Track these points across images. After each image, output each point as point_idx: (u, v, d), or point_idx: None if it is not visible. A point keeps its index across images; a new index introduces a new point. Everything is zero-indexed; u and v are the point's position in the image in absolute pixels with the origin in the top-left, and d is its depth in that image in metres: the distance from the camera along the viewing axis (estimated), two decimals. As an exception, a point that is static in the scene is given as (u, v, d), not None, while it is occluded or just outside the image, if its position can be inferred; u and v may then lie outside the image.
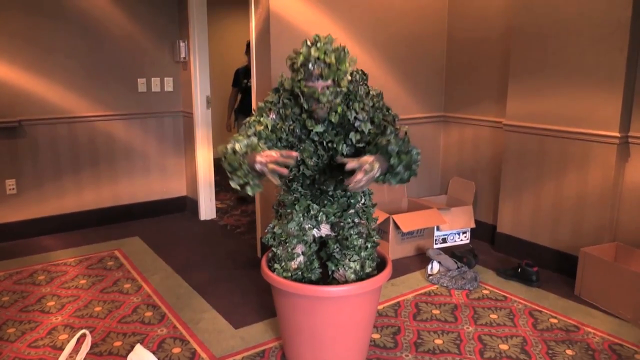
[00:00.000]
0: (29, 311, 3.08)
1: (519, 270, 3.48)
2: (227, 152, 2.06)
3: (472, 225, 4.21)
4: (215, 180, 5.07)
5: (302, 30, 3.56)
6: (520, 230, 3.89)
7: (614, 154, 3.27)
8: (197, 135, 4.78)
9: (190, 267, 3.76)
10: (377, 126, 2.28)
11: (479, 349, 2.70)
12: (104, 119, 4.59)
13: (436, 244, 4.14)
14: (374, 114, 2.29)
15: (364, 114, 2.27)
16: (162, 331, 2.86)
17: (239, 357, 2.62)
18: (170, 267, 3.76)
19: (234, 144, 2.06)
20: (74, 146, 4.48)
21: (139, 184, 4.88)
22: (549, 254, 3.69)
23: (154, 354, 2.63)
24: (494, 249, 4.10)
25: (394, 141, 2.07)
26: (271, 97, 2.35)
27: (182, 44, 4.73)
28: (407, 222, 3.85)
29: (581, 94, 3.40)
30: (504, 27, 3.97)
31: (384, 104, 2.35)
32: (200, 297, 3.27)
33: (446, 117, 4.58)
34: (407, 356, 2.63)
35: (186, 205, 5.18)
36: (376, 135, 2.22)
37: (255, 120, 2.28)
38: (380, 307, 3.12)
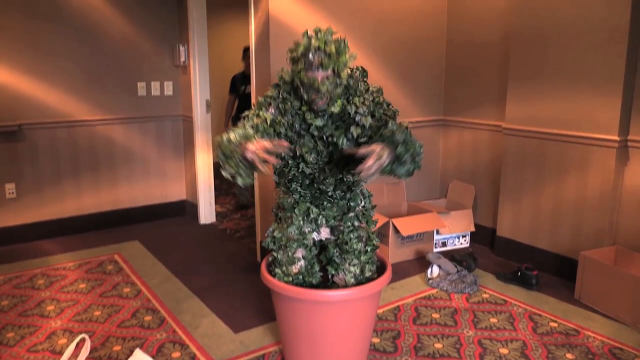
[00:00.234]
0: (28, 315, 3.08)
1: (519, 274, 3.48)
2: (222, 141, 2.08)
3: (472, 229, 4.21)
4: (214, 184, 5.07)
5: (301, 34, 3.55)
6: (520, 233, 3.89)
7: (613, 158, 3.27)
8: (197, 139, 4.79)
9: (189, 271, 3.75)
10: (377, 120, 2.28)
11: (479, 353, 2.69)
12: (103, 122, 4.60)
13: (436, 248, 4.13)
14: (374, 108, 2.30)
15: (364, 108, 2.27)
16: (161, 335, 2.86)
17: (238, 362, 2.62)
18: (169, 271, 3.75)
19: (230, 133, 2.08)
20: (73, 150, 4.48)
21: (138, 188, 4.88)
22: (548, 258, 3.69)
23: (154, 358, 2.63)
24: (494, 253, 4.10)
25: (398, 131, 2.07)
26: (271, 91, 2.35)
27: (181, 48, 4.74)
28: (406, 225, 3.85)
29: (580, 98, 3.40)
30: (503, 31, 3.98)
31: (384, 100, 2.36)
32: (199, 301, 3.27)
33: (445, 120, 4.58)
34: (407, 360, 2.63)
35: (186, 209, 5.18)
36: (378, 128, 2.23)
37: (254, 114, 2.29)
38: (380, 311, 3.12)
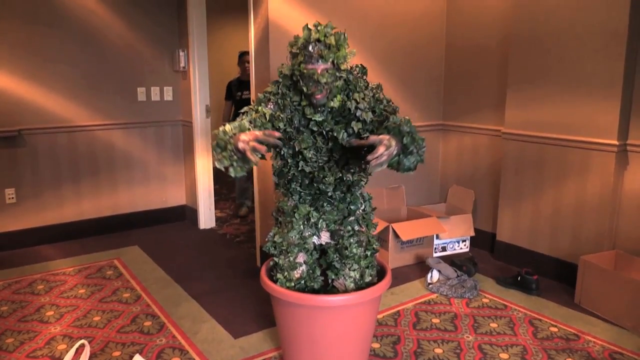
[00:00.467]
0: (27, 321, 3.07)
1: (519, 278, 3.48)
2: (218, 133, 2.10)
3: (472, 233, 4.21)
4: (214, 189, 5.07)
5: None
6: (519, 238, 3.89)
7: (612, 162, 3.27)
8: (197, 144, 4.79)
9: (189, 277, 3.75)
10: (378, 116, 2.29)
11: (479, 358, 2.69)
12: (103, 128, 4.60)
13: (436, 253, 4.13)
14: (374, 104, 2.31)
15: (365, 103, 2.28)
16: (161, 341, 2.85)
17: (238, 367, 2.62)
18: (169, 276, 3.75)
19: (226, 125, 2.10)
20: (73, 155, 4.49)
21: (138, 193, 4.88)
22: (548, 262, 3.68)
23: (153, 364, 2.63)
24: (494, 257, 4.10)
25: (403, 123, 2.08)
26: (270, 87, 2.36)
27: (181, 54, 4.75)
28: (406, 230, 3.85)
29: (579, 102, 3.41)
30: (502, 35, 3.99)
31: (384, 96, 2.37)
32: (199, 307, 3.27)
33: (445, 125, 4.59)
34: (407, 365, 2.63)
35: (185, 214, 5.18)
36: (380, 123, 2.23)
37: (252, 109, 2.31)
38: (379, 316, 3.12)
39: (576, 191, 3.48)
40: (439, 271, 3.59)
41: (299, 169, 2.35)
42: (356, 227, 2.42)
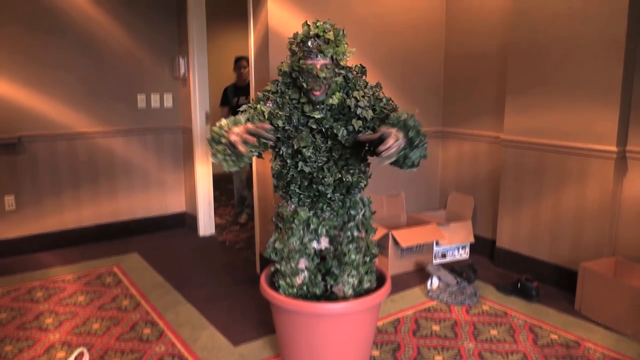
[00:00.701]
0: (26, 328, 3.06)
1: (519, 285, 3.47)
2: (215, 127, 2.12)
3: (471, 240, 4.21)
4: (214, 195, 5.07)
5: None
6: (519, 245, 3.88)
7: (611, 169, 3.28)
8: (196, 151, 4.79)
9: (189, 284, 3.74)
10: (378, 114, 2.30)
11: (479, 365, 2.68)
12: (103, 135, 4.61)
13: (435, 260, 4.13)
14: (374, 102, 2.33)
15: (365, 101, 2.30)
16: (160, 349, 2.84)
17: (237, 375, 2.61)
18: (168, 283, 3.74)
19: (222, 120, 2.13)
20: (73, 162, 4.49)
21: (138, 200, 4.88)
22: (548, 269, 3.68)
23: (152, 371, 2.61)
24: (494, 264, 4.09)
25: (408, 117, 2.09)
26: (269, 86, 2.38)
27: (181, 61, 4.76)
28: (406, 237, 3.85)
29: (578, 109, 3.42)
30: (501, 42, 4.01)
31: (384, 95, 2.38)
32: (199, 314, 3.26)
33: (444, 132, 4.60)
34: (407, 373, 2.62)
35: (185, 221, 5.18)
36: (381, 120, 2.24)
37: (251, 106, 2.33)
38: (379, 323, 3.11)
39: (576, 198, 3.48)
40: (439, 278, 3.58)
41: (298, 170, 2.34)
42: (355, 233, 2.41)
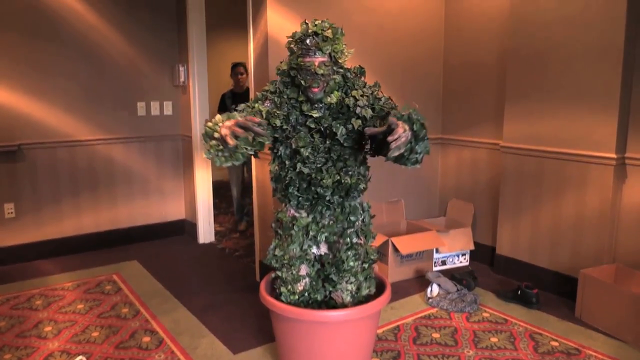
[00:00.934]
0: (25, 336, 3.05)
1: (519, 292, 3.47)
2: (209, 123, 2.11)
3: (471, 247, 4.20)
4: (213, 203, 5.07)
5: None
6: (519, 252, 3.88)
7: (611, 175, 3.28)
8: (196, 158, 4.80)
9: (188, 291, 3.73)
10: (377, 113, 2.30)
11: (479, 373, 2.67)
12: (103, 142, 4.61)
13: (435, 267, 4.12)
14: (373, 101, 2.33)
15: (364, 100, 2.30)
16: (159, 357, 2.83)
17: (237, 383, 2.60)
18: (168, 291, 3.74)
19: (218, 116, 2.12)
20: (73, 170, 4.49)
21: (137, 208, 4.88)
22: (548, 276, 3.68)
23: (152, 380, 2.60)
24: (494, 271, 4.09)
25: (412, 111, 2.09)
26: (268, 86, 2.39)
27: (181, 68, 4.78)
28: (406, 244, 3.84)
29: (577, 116, 3.43)
30: (500, 50, 4.02)
31: (383, 94, 2.39)
32: (198, 322, 3.25)
33: (444, 139, 4.61)
34: (408, 381, 2.61)
35: (185, 228, 5.17)
36: (381, 119, 2.24)
37: (249, 105, 2.33)
38: (379, 331, 3.10)
39: (575, 205, 3.48)
40: (439, 285, 3.57)
41: (297, 171, 2.34)
42: (355, 240, 2.41)
